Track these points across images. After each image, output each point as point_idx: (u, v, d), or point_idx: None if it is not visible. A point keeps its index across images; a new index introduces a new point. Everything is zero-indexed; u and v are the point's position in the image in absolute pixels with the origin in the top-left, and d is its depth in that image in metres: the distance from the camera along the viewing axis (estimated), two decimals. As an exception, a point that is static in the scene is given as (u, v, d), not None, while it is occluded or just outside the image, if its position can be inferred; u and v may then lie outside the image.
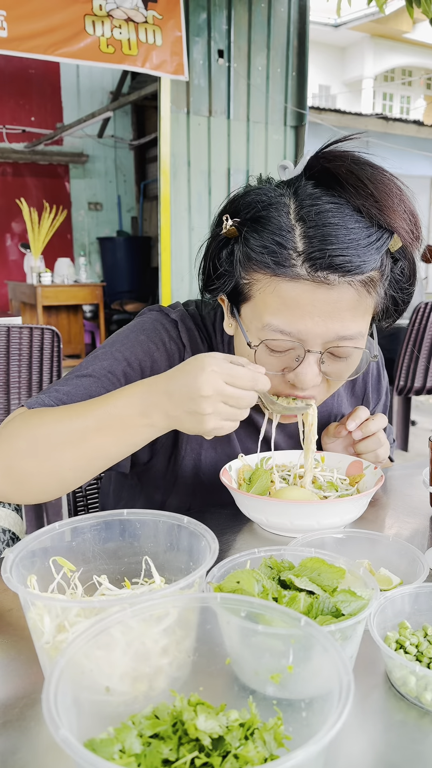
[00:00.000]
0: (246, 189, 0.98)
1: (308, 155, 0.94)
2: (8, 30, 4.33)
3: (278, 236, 0.88)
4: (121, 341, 1.07)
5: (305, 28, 6.11)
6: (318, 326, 0.90)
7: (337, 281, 0.87)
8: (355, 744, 0.58)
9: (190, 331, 1.11)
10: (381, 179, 0.88)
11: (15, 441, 0.90)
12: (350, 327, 0.92)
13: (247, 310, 0.96)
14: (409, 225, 0.90)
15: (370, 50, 17.41)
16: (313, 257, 0.86)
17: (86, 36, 4.66)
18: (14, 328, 2.28)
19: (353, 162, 0.89)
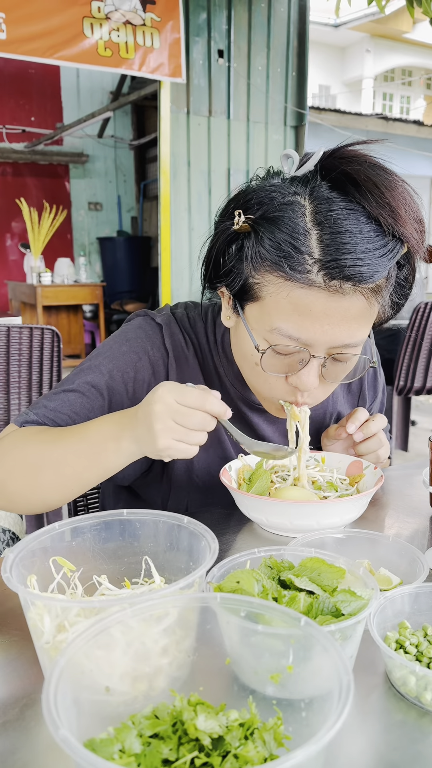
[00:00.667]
0: (257, 183, 0.96)
1: (320, 152, 0.91)
2: (7, 32, 4.34)
3: (294, 239, 0.87)
4: (104, 353, 1.08)
5: (305, 28, 6.11)
6: (327, 334, 0.90)
7: (351, 290, 0.87)
8: (355, 744, 0.58)
9: (173, 335, 1.11)
10: (395, 186, 0.87)
11: (6, 461, 0.96)
12: (356, 335, 0.92)
13: (253, 310, 0.95)
14: (417, 233, 0.89)
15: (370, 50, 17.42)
16: (329, 266, 0.85)
17: (84, 39, 4.67)
18: (14, 328, 2.28)
19: (370, 166, 0.88)
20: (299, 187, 0.91)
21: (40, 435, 0.97)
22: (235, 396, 1.13)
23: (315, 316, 0.89)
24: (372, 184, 0.86)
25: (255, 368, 0.98)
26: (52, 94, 7.47)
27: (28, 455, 0.95)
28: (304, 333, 0.90)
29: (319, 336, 0.90)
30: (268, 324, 0.92)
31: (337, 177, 0.89)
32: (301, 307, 0.88)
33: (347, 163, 0.88)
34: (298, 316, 0.89)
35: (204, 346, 1.13)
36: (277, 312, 0.90)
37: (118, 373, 1.06)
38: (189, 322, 1.14)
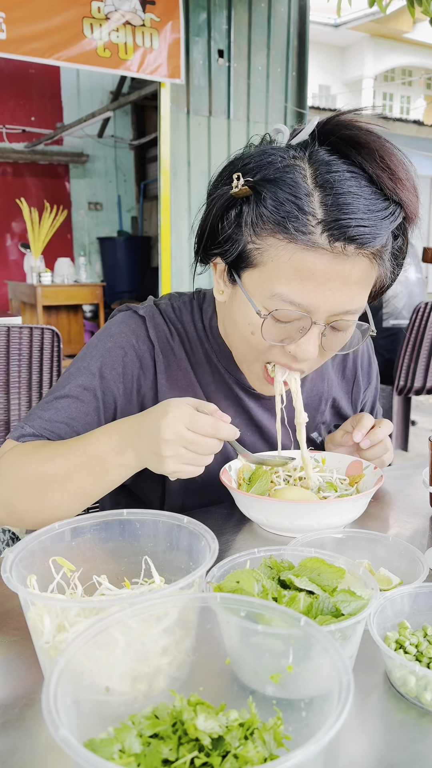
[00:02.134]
0: (254, 148, 0.94)
1: (315, 120, 0.90)
2: (7, 32, 4.33)
3: (297, 199, 0.85)
4: (90, 353, 1.08)
5: (305, 28, 6.11)
6: (329, 299, 0.89)
7: (353, 252, 0.86)
8: (355, 744, 0.58)
9: (158, 326, 1.10)
10: (393, 152, 0.87)
11: (10, 480, 0.96)
12: (357, 300, 0.91)
13: (252, 276, 0.92)
14: (414, 199, 0.89)
15: (370, 50, 17.41)
16: (333, 227, 0.84)
17: (84, 39, 4.66)
18: (14, 328, 2.28)
19: (367, 132, 0.87)
20: (298, 152, 0.89)
21: (41, 451, 0.96)
22: (231, 381, 1.12)
23: (317, 280, 0.87)
24: (372, 148, 0.86)
25: (250, 338, 0.96)
26: (52, 93, 7.46)
27: (33, 474, 0.94)
28: (306, 298, 0.88)
29: (321, 301, 0.89)
30: (269, 290, 0.90)
31: (336, 141, 0.88)
32: (303, 271, 0.87)
33: (345, 128, 0.88)
34: (300, 281, 0.87)
35: (192, 334, 1.12)
36: (279, 276, 0.88)
37: (107, 371, 1.06)
38: (174, 312, 1.13)
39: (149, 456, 0.86)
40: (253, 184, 0.88)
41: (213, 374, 1.12)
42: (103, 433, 0.92)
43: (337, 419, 1.29)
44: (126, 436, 0.89)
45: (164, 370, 1.09)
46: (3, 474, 0.97)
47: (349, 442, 1.12)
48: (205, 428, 0.84)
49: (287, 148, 0.90)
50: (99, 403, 1.05)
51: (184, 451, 0.84)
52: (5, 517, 0.97)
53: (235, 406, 1.14)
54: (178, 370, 1.10)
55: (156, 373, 1.08)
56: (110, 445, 0.90)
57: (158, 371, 1.08)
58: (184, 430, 0.83)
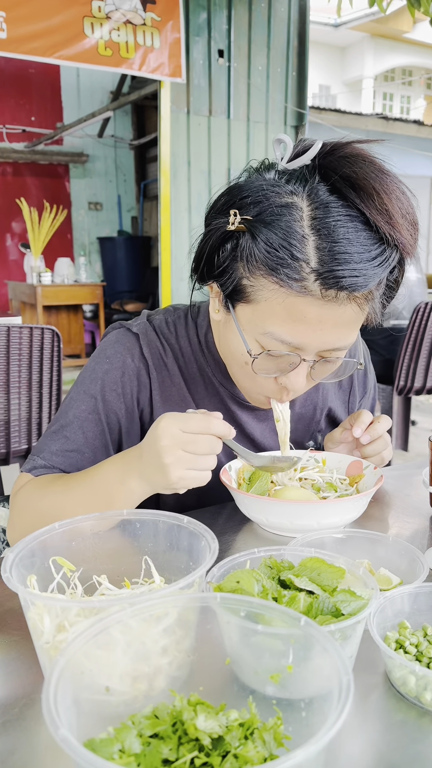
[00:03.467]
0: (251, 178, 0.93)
1: (318, 145, 0.89)
2: (7, 31, 4.33)
3: (291, 246, 0.85)
4: (89, 377, 1.09)
5: (305, 28, 6.11)
6: (318, 339, 0.90)
7: (345, 297, 0.87)
8: (355, 744, 0.58)
9: (151, 343, 1.11)
10: (393, 189, 0.85)
11: (28, 515, 0.99)
12: (346, 339, 0.93)
13: (246, 311, 0.94)
14: (411, 237, 0.88)
15: (370, 50, 17.41)
16: (326, 276, 0.84)
17: (85, 38, 4.66)
18: (14, 328, 2.28)
19: (369, 167, 0.86)
20: (296, 186, 0.88)
21: (54, 486, 0.99)
22: (225, 395, 1.14)
23: (308, 322, 0.88)
24: (372, 189, 0.84)
25: (244, 367, 0.98)
26: (52, 93, 7.47)
27: (47, 508, 0.96)
28: (297, 338, 0.90)
29: (311, 341, 0.90)
30: (261, 327, 0.92)
31: (337, 179, 0.87)
32: (295, 314, 0.88)
33: (347, 164, 0.86)
34: (292, 322, 0.89)
35: (186, 349, 1.13)
36: (271, 317, 0.90)
37: (108, 393, 1.08)
38: (168, 327, 1.14)
39: (153, 473, 0.86)
40: (249, 224, 0.88)
41: (207, 388, 1.13)
42: (107, 465, 0.95)
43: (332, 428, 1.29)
44: (128, 463, 0.91)
45: (158, 387, 1.10)
46: (22, 509, 1.01)
47: (348, 438, 1.13)
48: (197, 425, 0.84)
49: (286, 181, 0.89)
50: (104, 426, 1.07)
51: (183, 454, 0.84)
52: None
53: (229, 420, 1.15)
54: (171, 385, 1.11)
55: (151, 389, 1.10)
56: (114, 476, 0.92)
57: (153, 387, 1.10)
58: (178, 432, 0.84)
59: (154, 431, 0.85)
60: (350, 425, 1.12)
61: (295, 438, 1.22)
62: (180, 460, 0.84)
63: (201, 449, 0.85)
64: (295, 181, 0.89)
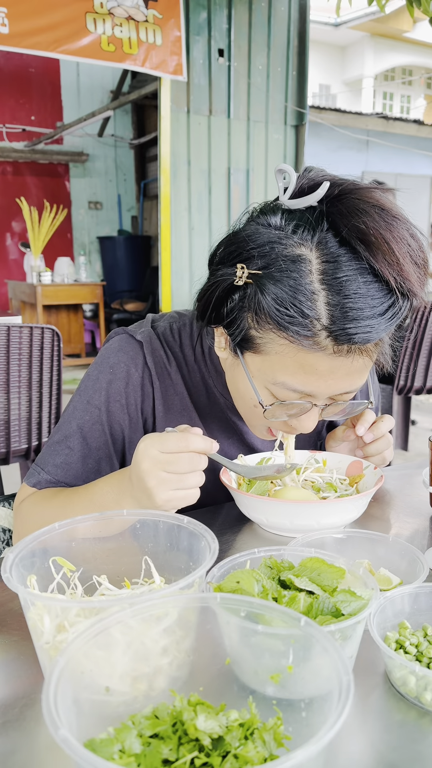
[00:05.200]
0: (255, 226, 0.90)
1: (324, 187, 0.85)
2: (9, 26, 4.33)
3: (301, 303, 0.83)
4: (93, 387, 1.08)
5: (305, 28, 6.11)
6: (330, 387, 0.90)
7: (356, 350, 0.87)
8: (355, 744, 0.58)
9: (155, 352, 1.10)
10: (401, 234, 0.83)
11: (29, 529, 0.98)
12: (357, 384, 0.93)
13: (255, 360, 0.93)
14: (420, 282, 0.87)
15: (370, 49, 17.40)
16: (338, 334, 0.84)
17: (87, 33, 4.66)
18: (14, 328, 2.28)
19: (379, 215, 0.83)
20: (304, 236, 0.85)
21: (55, 500, 1.00)
22: (225, 405, 1.13)
23: (320, 373, 0.88)
24: (382, 241, 0.82)
25: (254, 410, 0.98)
26: (52, 93, 7.46)
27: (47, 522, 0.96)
28: (308, 387, 0.90)
29: (323, 390, 0.90)
30: (272, 377, 0.91)
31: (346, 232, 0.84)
32: (306, 366, 0.88)
33: (356, 215, 0.83)
34: (303, 374, 0.89)
35: (189, 358, 1.12)
36: (282, 368, 0.89)
37: (112, 404, 1.07)
38: (172, 335, 1.13)
39: (141, 496, 0.85)
40: (256, 280, 0.87)
41: (209, 398, 1.13)
42: (105, 482, 0.95)
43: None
44: (121, 484, 0.91)
45: (161, 396, 1.10)
46: (25, 522, 1.02)
47: (350, 437, 1.13)
48: (174, 444, 0.83)
49: (293, 231, 0.86)
50: (107, 437, 1.07)
51: (165, 475, 0.83)
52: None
53: (229, 430, 1.15)
54: (174, 394, 1.11)
55: (154, 398, 1.10)
56: (109, 495, 0.92)
57: (156, 397, 1.10)
58: (156, 453, 0.82)
59: (135, 455, 0.84)
60: (353, 423, 1.12)
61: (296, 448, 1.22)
62: (163, 481, 0.83)
63: (182, 468, 0.83)
64: (303, 229, 0.86)
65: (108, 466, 1.08)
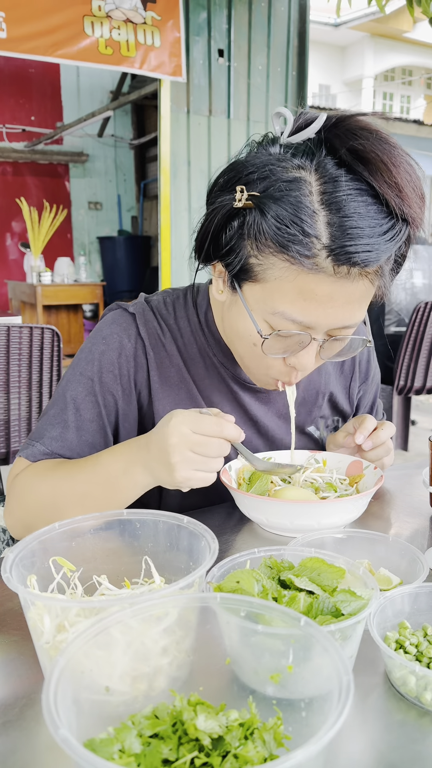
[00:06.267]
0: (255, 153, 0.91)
1: (321, 118, 0.87)
2: (7, 31, 4.33)
3: (302, 221, 0.83)
4: (86, 359, 1.08)
5: (305, 28, 6.11)
6: (329, 317, 0.89)
7: (356, 273, 0.86)
8: (355, 744, 0.58)
9: (148, 323, 1.10)
10: (401, 161, 0.84)
11: (28, 502, 0.98)
12: (356, 316, 0.92)
13: (254, 290, 0.92)
14: (419, 210, 0.87)
15: (370, 50, 17.40)
16: (338, 252, 0.83)
17: (85, 37, 4.66)
18: (14, 328, 2.28)
19: (377, 140, 0.84)
20: (303, 160, 0.86)
21: (56, 471, 0.98)
22: (227, 375, 1.12)
23: (320, 300, 0.87)
24: (380, 162, 0.83)
25: (252, 348, 0.96)
26: (52, 93, 7.46)
27: (49, 496, 0.96)
28: (308, 317, 0.89)
29: (322, 320, 0.89)
30: (271, 306, 0.90)
31: (345, 153, 0.85)
32: (306, 292, 0.87)
33: (354, 137, 0.84)
34: (302, 301, 0.88)
35: (185, 329, 1.12)
36: (281, 296, 0.88)
37: (104, 375, 1.07)
38: (166, 307, 1.12)
39: (159, 468, 0.86)
40: (257, 201, 0.86)
41: (207, 369, 1.12)
42: (111, 454, 0.94)
43: (334, 414, 1.28)
44: (133, 454, 0.91)
45: (156, 367, 1.09)
46: (21, 495, 0.99)
47: (351, 444, 1.12)
48: (209, 428, 0.84)
49: (293, 155, 0.87)
50: (101, 408, 1.06)
51: (191, 455, 0.84)
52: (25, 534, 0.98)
53: (231, 401, 1.14)
54: (170, 366, 1.10)
55: (149, 369, 1.09)
56: (117, 465, 0.92)
57: (150, 368, 1.09)
58: (188, 432, 0.83)
59: (164, 427, 0.85)
60: (354, 429, 1.12)
61: (297, 423, 1.22)
62: (188, 460, 0.84)
63: (211, 452, 0.84)
64: (302, 155, 0.87)
65: (102, 438, 1.07)
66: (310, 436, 1.24)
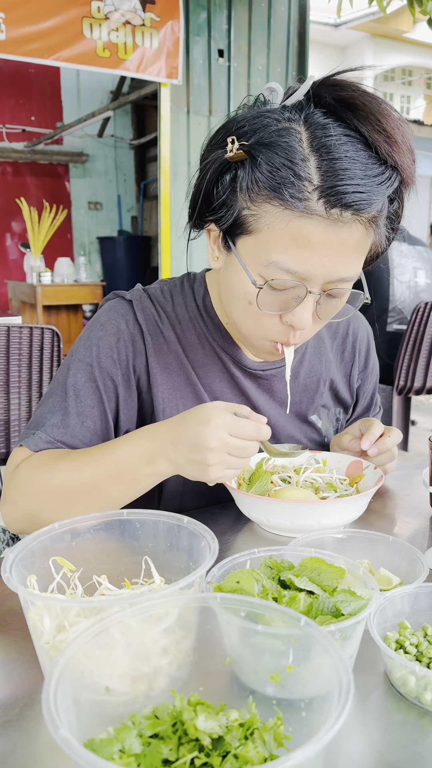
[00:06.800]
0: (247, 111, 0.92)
1: (310, 80, 0.88)
2: (6, 33, 4.33)
3: (293, 164, 0.83)
4: (84, 345, 1.08)
5: (305, 28, 6.11)
6: (324, 266, 0.88)
7: (350, 219, 0.85)
8: (355, 744, 0.58)
9: (145, 310, 1.10)
10: (390, 114, 0.85)
11: (33, 492, 0.95)
12: (352, 268, 0.91)
13: (247, 243, 0.91)
14: (410, 162, 0.88)
15: (370, 50, 17.41)
16: (329, 193, 0.83)
17: (84, 39, 4.66)
18: (14, 328, 2.28)
19: (364, 92, 0.85)
20: (293, 114, 0.88)
21: (64, 461, 0.95)
22: (227, 360, 1.12)
23: (313, 247, 0.86)
24: (368, 110, 0.84)
25: (248, 307, 0.95)
26: (52, 93, 7.46)
27: (58, 485, 0.93)
28: (302, 265, 0.88)
29: (317, 269, 0.88)
30: (265, 257, 0.89)
31: (332, 103, 0.86)
32: (299, 238, 0.86)
33: (342, 90, 0.86)
34: (296, 248, 0.87)
35: (183, 315, 1.11)
36: (275, 244, 0.88)
37: (103, 360, 1.06)
38: (163, 295, 1.13)
39: (189, 465, 0.86)
40: (248, 148, 0.87)
41: (207, 355, 1.11)
42: (130, 442, 0.92)
43: (335, 403, 1.28)
44: (156, 444, 0.89)
45: (154, 353, 1.09)
46: (25, 485, 0.96)
47: (356, 448, 1.12)
48: (249, 433, 0.85)
49: (282, 110, 0.89)
50: (101, 393, 1.05)
51: (228, 458, 0.85)
52: (29, 528, 0.97)
53: (232, 388, 1.13)
54: (168, 352, 1.10)
55: (147, 356, 1.08)
56: (139, 454, 0.90)
57: (149, 354, 1.08)
58: (227, 437, 0.84)
59: (200, 428, 0.84)
60: (360, 432, 1.11)
61: (299, 410, 1.21)
62: (224, 462, 0.85)
63: (247, 454, 0.86)
64: (291, 110, 0.89)
65: (104, 424, 1.05)
66: (313, 426, 1.24)
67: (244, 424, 0.85)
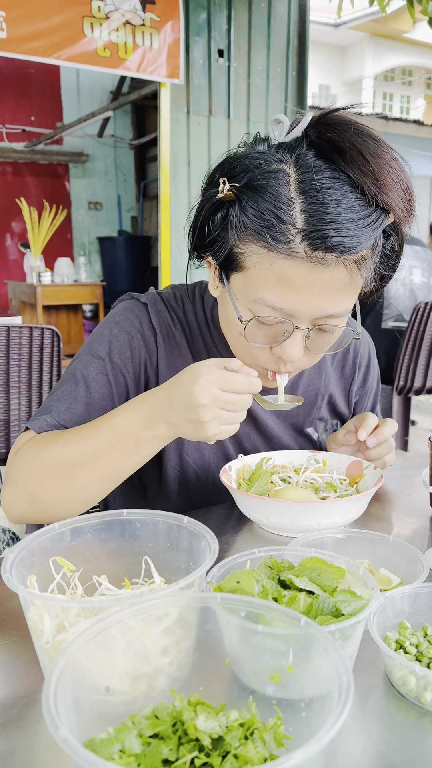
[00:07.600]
0: (243, 150, 0.95)
1: (308, 117, 0.90)
2: (7, 31, 4.33)
3: (277, 209, 0.86)
4: (98, 341, 1.09)
5: (305, 28, 6.11)
6: (310, 305, 0.90)
7: (333, 260, 0.87)
8: (355, 744, 0.58)
9: (160, 313, 1.11)
10: (381, 154, 0.86)
11: (33, 470, 0.95)
12: (339, 305, 0.92)
13: (238, 280, 0.94)
14: (404, 202, 0.88)
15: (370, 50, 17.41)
16: (312, 236, 0.85)
17: (84, 39, 4.66)
18: (14, 328, 2.28)
19: (356, 133, 0.86)
20: (285, 154, 0.90)
21: (63, 437, 0.95)
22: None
23: (298, 287, 0.88)
24: (357, 152, 0.85)
25: (239, 338, 0.98)
26: (52, 93, 7.46)
27: (58, 459, 0.93)
28: (287, 303, 0.89)
29: (302, 307, 0.90)
30: (252, 294, 0.92)
31: (323, 145, 0.88)
32: (284, 278, 0.88)
33: (333, 130, 0.87)
34: (281, 287, 0.89)
35: (192, 323, 1.13)
36: (261, 282, 0.90)
37: (116, 355, 1.07)
38: (176, 300, 1.14)
39: (185, 425, 0.86)
40: (237, 190, 0.90)
41: None
42: (128, 409, 0.92)
43: (333, 416, 1.29)
44: (154, 408, 0.89)
45: (165, 356, 1.10)
46: (25, 464, 0.96)
47: (352, 441, 1.12)
48: (240, 386, 0.85)
49: (276, 151, 0.91)
50: (111, 387, 1.06)
51: (222, 413, 0.85)
52: (29, 511, 0.96)
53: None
54: (178, 356, 1.11)
55: (158, 358, 1.09)
56: (138, 420, 0.90)
57: (160, 356, 1.09)
58: (219, 392, 0.84)
59: (190, 386, 0.84)
60: (355, 427, 1.12)
61: (295, 422, 1.22)
62: (218, 418, 0.85)
63: (240, 407, 0.86)
64: (284, 150, 0.91)
65: None
66: (308, 438, 1.25)
67: (234, 377, 0.85)
